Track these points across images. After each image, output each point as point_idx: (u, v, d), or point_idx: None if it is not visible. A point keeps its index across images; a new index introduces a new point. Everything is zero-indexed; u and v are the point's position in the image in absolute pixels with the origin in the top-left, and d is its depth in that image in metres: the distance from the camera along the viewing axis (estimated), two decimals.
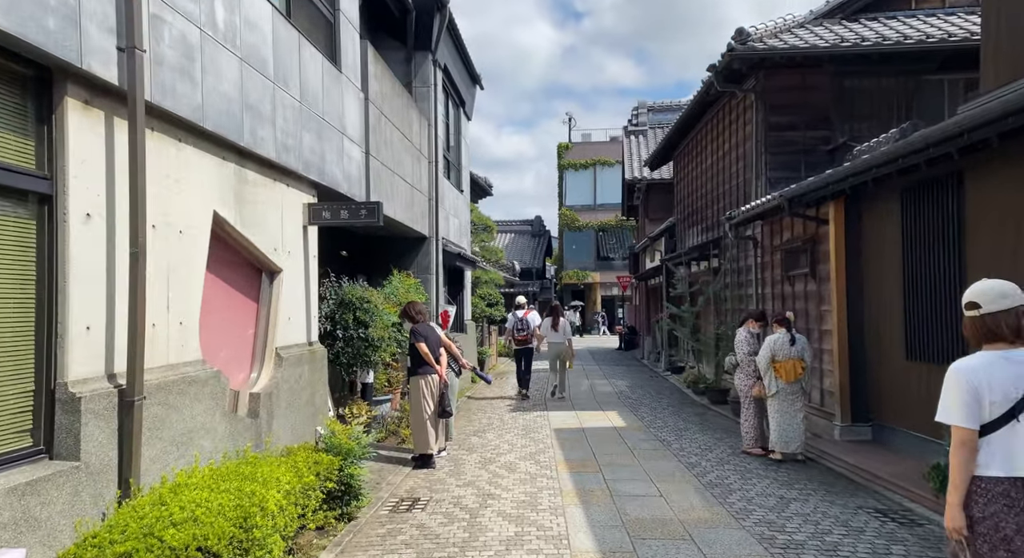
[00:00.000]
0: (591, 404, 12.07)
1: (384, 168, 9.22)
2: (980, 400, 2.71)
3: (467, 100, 15.97)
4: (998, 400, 2.70)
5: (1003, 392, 2.70)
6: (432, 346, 7.57)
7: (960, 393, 2.74)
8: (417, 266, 12.20)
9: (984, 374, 2.73)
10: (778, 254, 10.29)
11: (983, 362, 2.77)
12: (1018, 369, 2.73)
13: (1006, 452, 2.69)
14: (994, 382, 2.71)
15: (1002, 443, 2.70)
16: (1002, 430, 2.70)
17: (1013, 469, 2.68)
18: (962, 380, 2.75)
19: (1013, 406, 2.68)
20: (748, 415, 7.97)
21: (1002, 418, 2.70)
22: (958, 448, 2.72)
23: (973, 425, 2.71)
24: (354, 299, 8.26)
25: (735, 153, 12.59)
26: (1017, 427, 2.68)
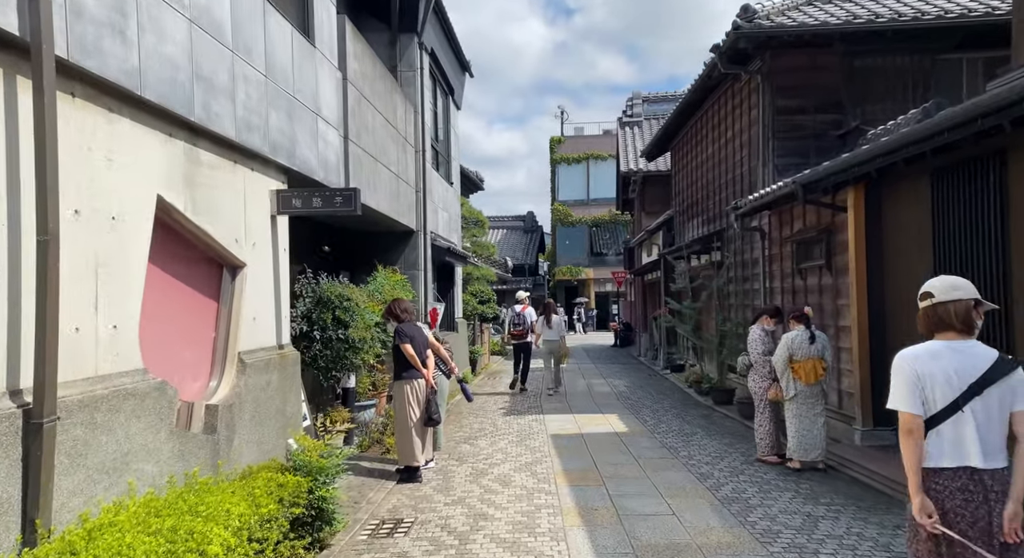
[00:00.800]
0: (589, 406, 11.41)
1: (365, 155, 8.53)
2: (924, 388, 2.75)
3: (456, 88, 15.26)
4: (943, 390, 2.73)
5: (948, 382, 2.73)
6: (418, 347, 6.89)
7: (904, 380, 2.78)
8: (404, 262, 11.51)
9: (929, 362, 2.76)
10: (788, 246, 9.65)
11: (929, 350, 2.81)
12: (964, 359, 2.75)
13: (955, 442, 2.71)
14: (939, 371, 2.74)
15: (950, 433, 2.72)
16: (949, 420, 2.72)
17: (963, 458, 2.71)
18: (906, 367, 2.79)
19: (958, 396, 2.71)
20: (763, 420, 7.33)
21: (948, 408, 2.72)
22: (904, 435, 2.75)
23: (917, 410, 2.73)
24: (333, 297, 7.57)
25: (739, 140, 11.94)
26: (963, 417, 2.70)
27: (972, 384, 2.72)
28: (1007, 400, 2.73)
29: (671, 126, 16.00)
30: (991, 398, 2.72)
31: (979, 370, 2.74)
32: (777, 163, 10.39)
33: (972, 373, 2.74)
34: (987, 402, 2.72)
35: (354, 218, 9.64)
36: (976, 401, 2.71)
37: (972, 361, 2.76)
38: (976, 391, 2.72)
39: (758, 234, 10.83)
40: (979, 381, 2.72)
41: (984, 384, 2.72)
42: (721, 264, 13.13)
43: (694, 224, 15.38)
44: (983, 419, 2.71)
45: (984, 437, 2.71)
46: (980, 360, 2.77)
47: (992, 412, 2.72)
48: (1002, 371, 2.74)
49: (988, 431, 2.72)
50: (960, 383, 2.73)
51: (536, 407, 11.40)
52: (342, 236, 11.06)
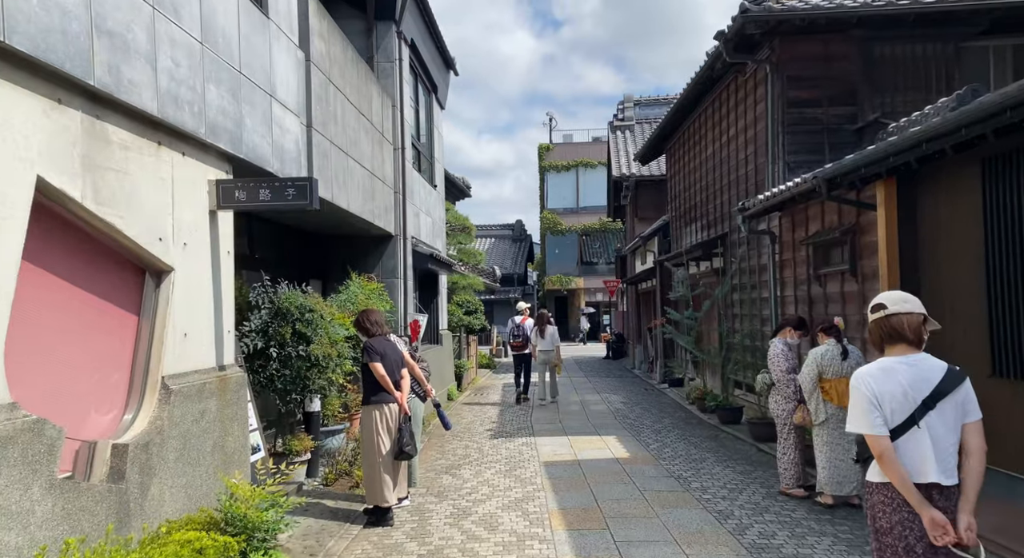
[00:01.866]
0: (584, 426, 10.45)
1: (333, 147, 7.57)
2: (882, 406, 2.71)
3: (440, 86, 14.36)
4: (899, 406, 2.70)
5: (904, 397, 2.70)
6: (391, 366, 5.93)
7: (863, 401, 2.73)
8: (382, 269, 10.55)
9: (884, 380, 2.73)
10: (803, 250, 8.76)
11: (882, 367, 2.77)
12: (917, 373, 2.72)
13: (911, 458, 2.68)
14: (895, 387, 2.71)
15: (907, 449, 2.69)
16: (905, 436, 2.69)
17: (919, 475, 2.67)
18: (862, 387, 2.75)
19: (913, 411, 2.68)
20: (787, 448, 6.40)
21: (904, 424, 2.68)
22: (880, 459, 2.69)
23: (879, 431, 2.69)
24: (293, 308, 6.60)
25: (743, 137, 11.08)
26: (918, 433, 2.67)
27: (926, 398, 2.69)
28: (958, 413, 2.70)
29: (667, 126, 15.15)
30: (945, 411, 2.69)
31: (932, 383, 2.71)
32: (788, 160, 9.52)
33: (925, 387, 2.71)
34: (942, 415, 2.68)
35: (323, 220, 8.69)
36: (931, 415, 2.68)
37: (925, 374, 2.73)
38: (930, 405, 2.69)
39: (767, 238, 9.94)
40: (932, 394, 2.69)
41: (937, 397, 2.69)
42: (724, 271, 12.25)
43: (693, 229, 14.50)
44: (939, 433, 2.68)
45: (940, 451, 2.68)
46: (932, 373, 2.73)
47: (948, 425, 2.69)
48: (954, 383, 2.70)
49: (944, 445, 2.69)
50: (915, 397, 2.70)
51: (526, 428, 10.42)
52: (313, 241, 10.08)
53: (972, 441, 2.68)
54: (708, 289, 12.19)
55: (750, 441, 8.88)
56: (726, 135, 11.97)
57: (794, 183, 7.68)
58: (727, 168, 11.95)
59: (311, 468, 7.05)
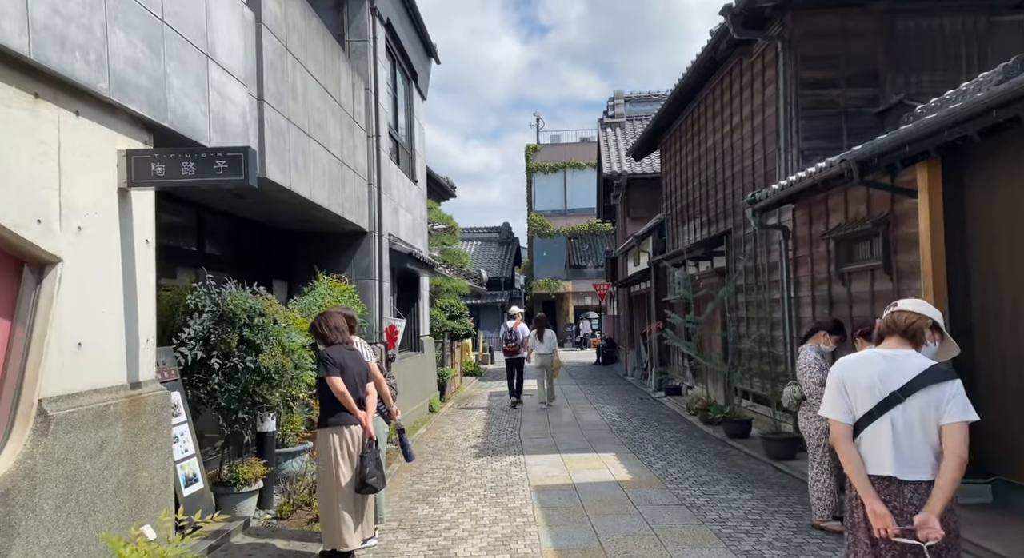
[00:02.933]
0: (579, 442, 9.47)
1: (291, 126, 6.58)
2: (847, 394, 2.73)
3: (420, 74, 13.39)
4: (865, 396, 2.68)
5: (871, 388, 2.67)
6: (353, 381, 4.94)
7: (831, 386, 2.79)
8: (355, 269, 9.55)
9: (857, 369, 2.74)
10: (823, 245, 7.86)
11: (861, 357, 2.79)
12: (894, 366, 2.68)
13: (873, 450, 2.66)
14: (864, 377, 2.69)
15: (869, 441, 2.67)
16: (868, 428, 2.67)
17: (876, 466, 2.66)
18: (835, 373, 2.80)
19: (880, 402, 2.64)
20: (820, 473, 5.46)
21: (868, 415, 2.67)
22: (835, 443, 2.76)
23: (842, 418, 2.73)
24: (239, 312, 5.59)
25: (749, 125, 10.19)
26: (880, 425, 2.64)
27: (895, 391, 2.64)
28: (931, 411, 2.61)
29: (663, 117, 14.25)
30: (912, 407, 2.62)
31: (907, 377, 2.65)
32: (802, 147, 8.63)
33: (898, 380, 2.65)
34: (908, 411, 2.62)
35: (284, 212, 7.69)
36: (896, 409, 2.64)
37: (902, 368, 2.67)
38: (898, 399, 2.64)
39: (779, 233, 9.04)
40: (902, 389, 2.64)
41: (907, 392, 2.63)
42: (727, 271, 11.34)
43: (691, 228, 13.61)
44: (902, 429, 2.63)
45: (902, 447, 2.62)
46: (909, 368, 2.67)
47: (913, 422, 2.62)
48: (929, 380, 2.62)
49: (908, 441, 2.62)
50: (883, 390, 2.66)
51: (515, 444, 9.43)
52: (277, 238, 9.07)
53: (945, 444, 2.59)
54: (711, 291, 11.27)
55: (765, 459, 7.95)
56: (729, 124, 11.08)
57: (817, 169, 6.77)
58: (730, 159, 11.06)
59: (263, 498, 6.03)
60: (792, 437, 8.14)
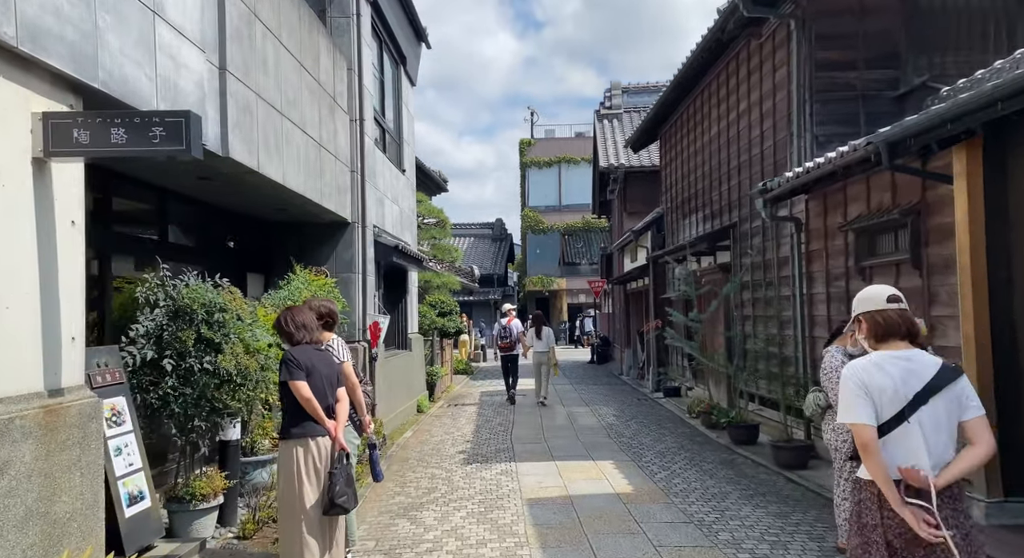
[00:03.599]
0: (574, 447, 8.88)
1: (261, 102, 5.95)
2: (872, 398, 2.64)
3: (409, 58, 12.76)
4: (889, 401, 2.63)
5: (895, 392, 2.63)
6: (321, 385, 4.32)
7: (852, 392, 2.68)
8: (336, 262, 8.93)
9: (876, 373, 2.67)
10: (840, 238, 7.28)
11: (874, 361, 2.71)
12: (909, 368, 2.66)
13: (900, 453, 2.61)
14: (886, 381, 2.64)
15: (896, 445, 2.62)
16: (896, 431, 2.62)
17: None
18: (854, 379, 2.70)
19: (904, 407, 2.62)
20: (849, 488, 4.86)
21: (894, 419, 2.63)
22: (862, 450, 2.64)
23: (871, 421, 2.62)
24: (196, 307, 4.96)
25: (758, 111, 9.60)
26: (909, 427, 2.61)
27: (917, 394, 2.62)
28: (953, 409, 2.63)
29: (664, 106, 13.64)
30: (937, 407, 2.62)
31: (924, 379, 2.63)
32: (817, 133, 8.04)
33: (917, 383, 2.63)
34: (934, 411, 2.62)
35: (256, 198, 7.06)
36: (922, 410, 2.62)
37: (917, 370, 2.66)
38: (922, 400, 2.62)
39: (790, 226, 8.46)
40: (924, 390, 2.63)
41: (929, 393, 2.62)
42: (731, 267, 10.76)
43: (692, 221, 13.02)
44: (930, 429, 2.61)
45: (932, 447, 2.61)
46: (925, 369, 2.66)
47: (940, 421, 2.62)
48: (947, 379, 2.64)
49: (935, 441, 2.62)
50: (906, 393, 2.63)
51: (506, 450, 8.82)
52: (252, 228, 8.44)
53: (979, 434, 2.62)
54: (714, 287, 10.68)
55: (775, 468, 7.37)
56: (735, 111, 10.48)
57: (839, 154, 6.17)
58: (736, 148, 10.47)
59: (225, 514, 5.41)
60: (804, 445, 7.57)
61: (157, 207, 6.44)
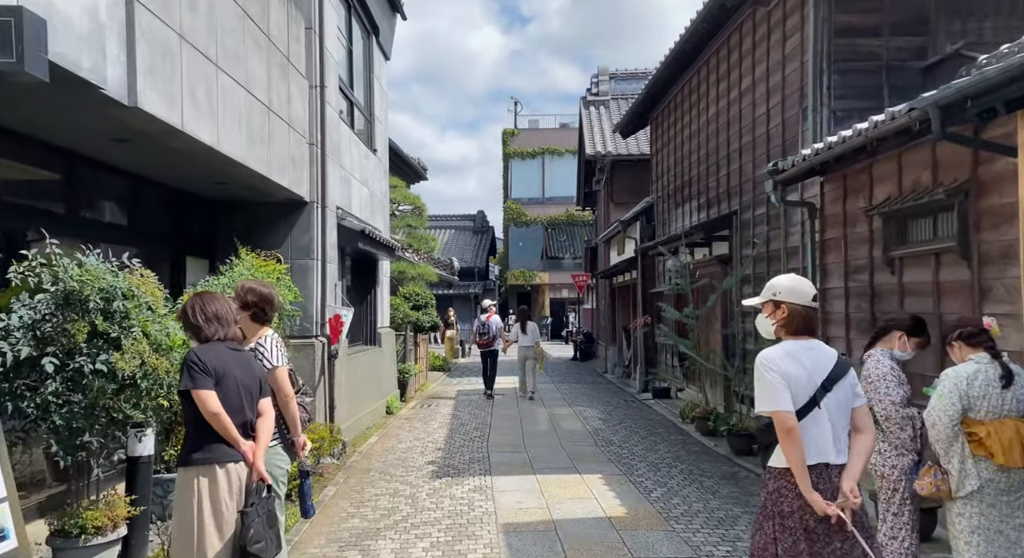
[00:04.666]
0: (557, 457, 7.94)
1: (187, 46, 4.91)
2: (788, 386, 2.75)
3: (383, 29, 11.72)
4: (802, 388, 2.76)
5: (807, 380, 2.77)
6: (236, 396, 3.34)
7: (771, 381, 2.77)
8: (292, 246, 7.91)
9: (790, 362, 2.79)
10: (863, 224, 6.38)
11: (787, 351, 2.84)
12: (816, 356, 2.83)
13: (814, 438, 2.74)
14: (800, 370, 2.77)
15: (809, 430, 2.74)
16: (807, 418, 2.75)
17: (821, 455, 2.75)
18: (772, 368, 2.79)
19: (815, 393, 2.76)
20: (898, 526, 3.95)
21: (807, 405, 2.75)
22: (785, 436, 2.72)
23: (791, 408, 2.73)
24: (90, 293, 3.94)
25: (764, 86, 8.70)
26: (819, 413, 2.76)
27: (824, 381, 2.78)
28: (848, 397, 2.82)
29: (656, 86, 12.71)
30: (838, 394, 2.80)
31: (828, 368, 2.81)
32: (835, 108, 7.16)
33: (824, 371, 2.80)
34: (836, 398, 2.79)
35: (189, 166, 6.03)
36: (829, 397, 2.78)
37: (823, 359, 2.83)
38: (828, 387, 2.78)
39: (801, 212, 7.57)
40: (829, 378, 2.79)
41: (833, 381, 2.79)
42: (730, 259, 9.87)
43: (686, 211, 12.12)
44: (835, 414, 2.79)
45: (836, 433, 2.78)
46: (827, 358, 2.84)
47: (841, 407, 2.80)
48: (844, 369, 2.84)
49: (839, 425, 2.79)
50: (816, 380, 2.78)
51: (481, 459, 7.87)
52: (194, 206, 7.39)
53: (865, 421, 2.86)
54: (712, 280, 9.79)
55: None
56: (737, 88, 9.58)
57: (871, 124, 5.25)
58: (738, 129, 9.56)
59: (131, 547, 4.39)
60: None
61: (64, 175, 5.39)
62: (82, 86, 3.86)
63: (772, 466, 2.86)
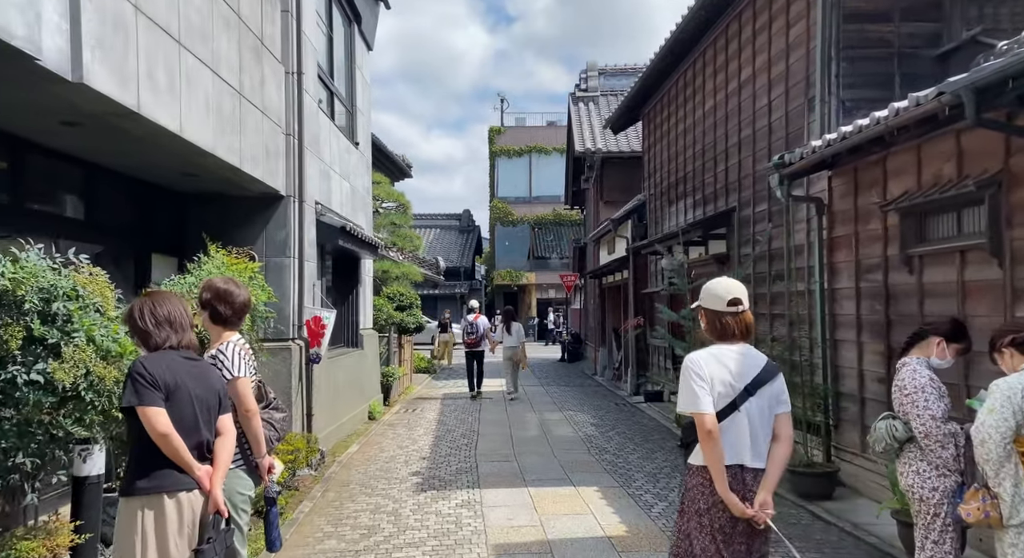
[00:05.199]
0: (550, 467, 7.50)
1: (144, 20, 4.42)
2: (710, 388, 2.83)
3: (365, 17, 11.22)
4: (725, 390, 2.84)
5: (732, 383, 2.84)
6: (191, 412, 2.88)
7: (695, 382, 2.85)
8: (267, 243, 7.42)
9: (715, 365, 2.86)
10: (876, 221, 6.00)
11: (714, 353, 2.90)
12: (744, 361, 2.89)
13: (731, 440, 2.82)
14: (724, 373, 2.85)
15: (728, 432, 2.82)
16: (727, 420, 2.83)
17: (736, 456, 2.82)
18: (695, 369, 2.87)
19: (736, 397, 2.83)
20: (939, 553, 3.54)
21: (728, 407, 2.83)
22: (705, 437, 2.79)
23: (712, 410, 2.81)
24: (26, 293, 3.45)
25: (766, 77, 8.31)
26: (739, 417, 2.83)
27: (747, 385, 2.85)
28: (772, 403, 2.89)
29: (650, 78, 12.29)
30: (762, 399, 2.86)
31: (754, 372, 2.87)
32: (844, 98, 6.78)
33: (748, 376, 2.86)
34: (759, 403, 2.86)
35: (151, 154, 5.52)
36: (751, 401, 2.84)
37: (749, 364, 2.89)
38: (751, 392, 2.85)
39: (808, 209, 7.19)
40: (753, 382, 2.85)
41: (757, 385, 2.86)
42: (728, 258, 9.49)
43: (680, 209, 11.73)
44: (756, 418, 2.85)
45: (754, 437, 2.84)
46: (756, 363, 2.90)
47: (763, 412, 2.86)
48: (771, 374, 2.90)
49: (758, 429, 2.85)
50: (739, 384, 2.84)
51: (469, 470, 7.42)
52: (164, 200, 6.89)
53: (783, 429, 2.90)
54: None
55: (793, 499, 6.10)
56: (736, 80, 9.18)
57: (892, 111, 4.86)
58: (737, 123, 9.17)
59: None
60: (828, 471, 6.30)
61: (8, 161, 4.86)
62: (15, 57, 3.37)
63: (691, 464, 2.95)
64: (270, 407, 3.59)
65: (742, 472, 2.81)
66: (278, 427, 3.59)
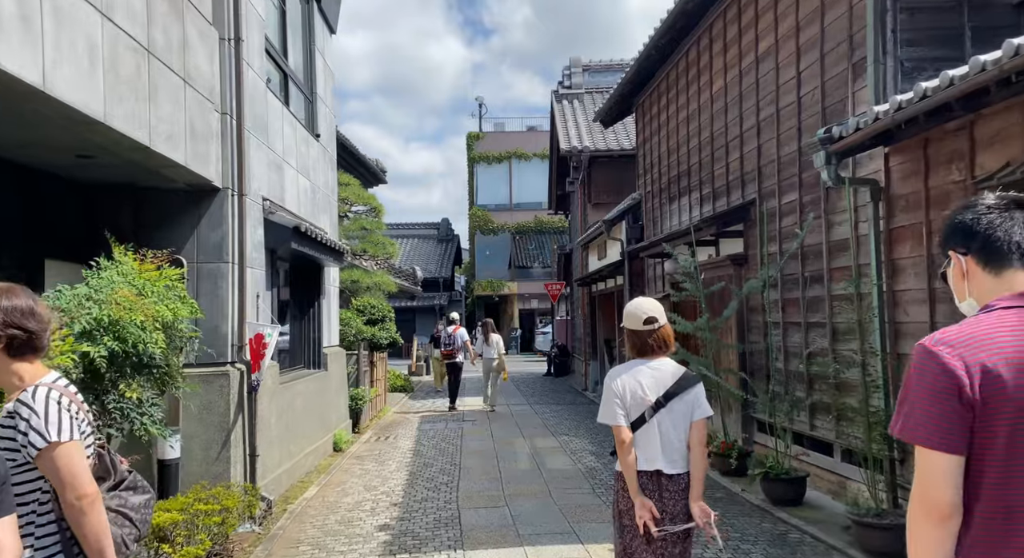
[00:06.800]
0: (548, 514, 6.14)
1: None
2: (624, 402, 3.06)
3: None
4: (637, 403, 3.05)
5: (643, 395, 3.05)
6: None
7: (611, 397, 3.09)
8: (199, 245, 6.06)
9: (628, 379, 3.09)
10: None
11: (628, 368, 3.14)
12: (658, 375, 3.09)
13: (644, 448, 3.06)
14: (636, 387, 3.07)
15: (641, 441, 3.06)
16: (641, 429, 3.05)
17: (649, 463, 3.06)
18: (611, 385, 3.12)
19: (646, 409, 3.04)
20: None
21: (639, 419, 3.04)
22: (619, 446, 3.06)
23: (624, 423, 3.04)
24: None
25: (793, 45, 7.09)
26: (650, 428, 3.04)
27: (659, 398, 3.05)
28: (688, 410, 3.08)
29: (646, 62, 11.04)
30: (674, 409, 3.06)
31: (666, 385, 3.07)
32: (902, 57, 5.56)
33: (661, 388, 3.06)
34: (671, 413, 3.05)
35: (33, 133, 4.13)
36: (662, 412, 3.04)
37: (662, 378, 3.08)
38: (662, 404, 3.04)
39: (858, 194, 5.94)
40: (666, 394, 3.06)
41: (669, 397, 3.05)
42: (746, 259, 8.25)
43: (682, 206, 10.50)
44: (668, 428, 3.05)
45: (666, 445, 3.05)
46: (668, 377, 3.09)
47: (676, 421, 3.06)
48: (686, 385, 3.09)
49: (671, 438, 3.05)
50: (651, 397, 3.04)
51: (450, 521, 6.04)
52: (64, 193, 5.48)
53: (693, 436, 3.10)
54: (728, 285, 8.11)
55: (853, 554, 4.80)
56: (754, 52, 7.98)
57: (1012, 49, 3.62)
58: (755, 103, 7.95)
59: None
60: (901, 523, 5.00)
61: None
62: None
63: (616, 470, 3.17)
64: (122, 487, 2.22)
65: (659, 477, 3.05)
66: (136, 520, 2.21)
